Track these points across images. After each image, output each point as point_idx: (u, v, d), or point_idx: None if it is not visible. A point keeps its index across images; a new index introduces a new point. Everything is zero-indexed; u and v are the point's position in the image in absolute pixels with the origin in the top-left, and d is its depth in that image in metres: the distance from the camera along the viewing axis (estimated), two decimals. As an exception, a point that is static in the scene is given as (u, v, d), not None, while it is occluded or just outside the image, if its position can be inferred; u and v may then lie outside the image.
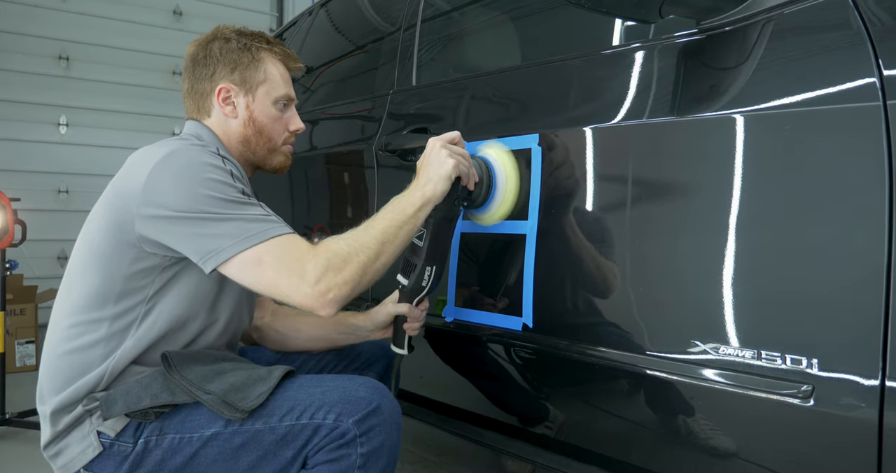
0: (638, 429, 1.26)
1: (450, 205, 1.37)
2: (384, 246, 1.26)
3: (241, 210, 1.22)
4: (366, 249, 1.24)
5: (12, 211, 2.99)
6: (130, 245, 1.25)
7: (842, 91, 0.97)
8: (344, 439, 1.18)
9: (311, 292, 1.19)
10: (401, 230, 1.28)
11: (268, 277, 1.21)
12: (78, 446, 1.24)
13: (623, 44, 1.38)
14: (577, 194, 1.33)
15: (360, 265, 1.22)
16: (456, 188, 1.36)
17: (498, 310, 1.47)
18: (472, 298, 1.55)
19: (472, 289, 1.56)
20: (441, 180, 1.32)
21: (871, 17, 0.97)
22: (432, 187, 1.32)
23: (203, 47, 1.44)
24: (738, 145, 1.07)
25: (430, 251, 1.40)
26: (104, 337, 1.27)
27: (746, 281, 1.06)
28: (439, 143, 1.35)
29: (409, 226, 1.30)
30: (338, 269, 1.20)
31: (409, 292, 1.46)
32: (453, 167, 1.32)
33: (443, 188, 1.32)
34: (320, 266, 1.19)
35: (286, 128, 1.48)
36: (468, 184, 1.38)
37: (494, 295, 1.49)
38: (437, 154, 1.34)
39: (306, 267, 1.19)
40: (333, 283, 1.20)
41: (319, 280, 1.19)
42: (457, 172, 1.33)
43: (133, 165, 1.30)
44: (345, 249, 1.23)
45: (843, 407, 0.95)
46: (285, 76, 1.47)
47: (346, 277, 1.21)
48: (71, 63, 5.22)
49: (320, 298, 1.19)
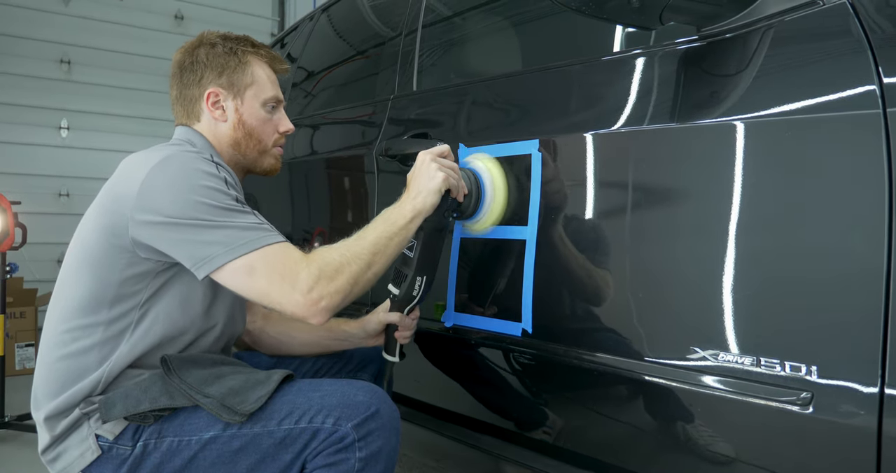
0: (636, 435, 1.26)
1: (440, 217, 1.40)
2: (375, 257, 1.28)
3: (234, 218, 1.23)
4: (357, 259, 1.25)
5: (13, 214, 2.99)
6: (124, 249, 1.26)
7: (842, 98, 0.97)
8: (342, 443, 1.18)
9: (303, 300, 1.20)
10: (391, 241, 1.30)
11: (260, 285, 1.22)
12: (76, 449, 1.24)
13: (624, 50, 1.38)
14: (577, 200, 1.33)
15: (352, 274, 1.24)
16: (446, 200, 1.39)
17: (497, 316, 1.47)
18: (471, 304, 1.55)
19: (472, 295, 1.56)
20: (431, 193, 1.35)
21: (872, 24, 0.98)
22: (422, 200, 1.34)
23: (189, 53, 1.46)
24: (738, 152, 1.07)
25: (420, 262, 1.43)
26: (99, 341, 1.27)
27: (745, 288, 1.06)
28: (429, 157, 1.38)
29: (399, 237, 1.32)
30: (330, 278, 1.22)
31: (399, 302, 1.48)
32: (443, 180, 1.35)
33: (433, 201, 1.35)
34: (313, 275, 1.21)
35: (276, 129, 1.49)
36: (458, 196, 1.41)
37: (494, 300, 1.49)
38: (428, 167, 1.36)
39: (299, 275, 1.20)
40: (326, 292, 1.21)
41: (312, 288, 1.20)
42: (446, 185, 1.37)
43: (127, 170, 1.30)
44: (337, 259, 1.24)
45: (843, 415, 0.95)
46: (272, 78, 1.49)
47: (337, 286, 1.22)
48: (72, 67, 5.24)
49: (312, 306, 1.21)
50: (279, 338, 1.62)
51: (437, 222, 1.40)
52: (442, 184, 1.35)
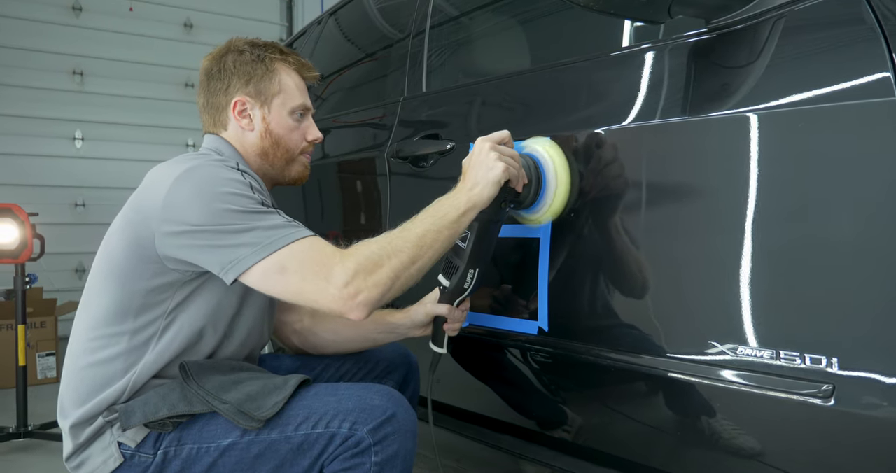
0: (656, 431, 1.25)
1: (496, 208, 1.31)
2: (421, 251, 1.21)
3: (260, 219, 1.21)
4: (400, 252, 1.19)
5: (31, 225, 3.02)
6: (150, 260, 1.25)
7: (855, 87, 0.96)
8: (358, 447, 1.18)
9: (339, 295, 1.16)
10: (440, 234, 1.23)
11: (293, 283, 1.18)
12: (99, 457, 1.25)
13: (633, 45, 1.37)
14: (590, 196, 1.32)
15: (394, 268, 1.18)
16: (504, 191, 1.29)
17: (513, 315, 1.46)
18: (487, 302, 1.55)
19: (488, 294, 1.56)
20: (490, 184, 1.25)
21: (885, 11, 0.96)
22: (479, 191, 1.25)
23: (217, 61, 1.43)
24: (752, 144, 1.06)
25: (473, 253, 1.36)
26: (125, 350, 1.27)
27: (763, 281, 1.05)
28: (488, 144, 1.27)
29: (450, 230, 1.24)
30: (368, 272, 1.17)
31: (450, 293, 1.43)
32: (503, 171, 1.25)
33: (490, 193, 1.25)
34: (349, 268, 1.16)
35: (304, 138, 1.46)
36: (517, 185, 1.31)
37: (510, 299, 1.49)
38: (487, 156, 1.26)
39: (333, 269, 1.16)
40: (364, 286, 1.16)
41: (348, 283, 1.15)
42: (507, 176, 1.26)
43: (152, 181, 1.30)
44: (377, 252, 1.19)
45: (865, 407, 0.94)
46: (300, 86, 1.46)
47: (376, 280, 1.17)
48: (85, 78, 5.29)
49: (349, 301, 1.16)
50: (324, 336, 1.58)
51: (492, 213, 1.31)
52: (502, 175, 1.24)
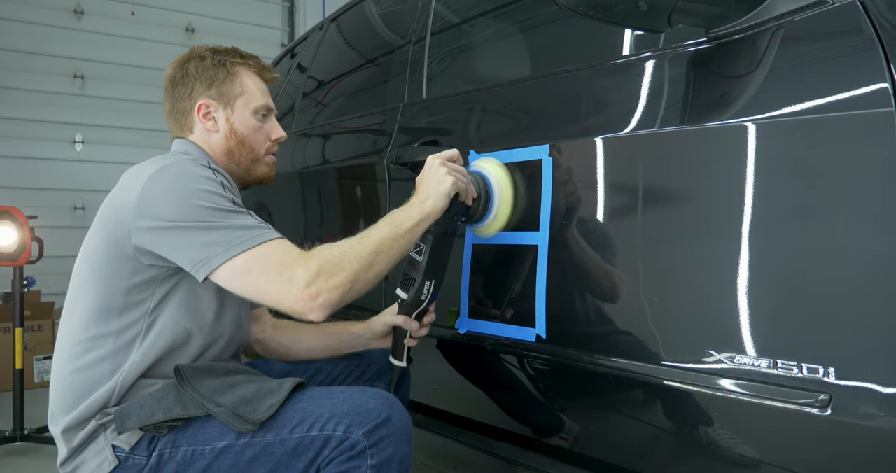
0: (652, 440, 1.25)
1: (448, 221, 1.40)
2: (378, 257, 1.27)
3: (230, 219, 1.25)
4: (359, 258, 1.25)
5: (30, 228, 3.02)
6: (128, 258, 1.28)
7: (853, 97, 0.97)
8: (353, 450, 1.18)
9: (301, 295, 1.20)
10: (396, 242, 1.30)
11: (258, 283, 1.22)
12: (94, 460, 1.25)
13: (633, 53, 1.38)
14: (589, 204, 1.32)
15: (353, 272, 1.23)
16: (454, 204, 1.38)
17: (511, 322, 1.47)
18: (484, 310, 1.55)
19: (485, 301, 1.56)
20: (440, 197, 1.34)
21: (883, 22, 0.97)
22: (431, 203, 1.34)
23: (180, 68, 1.49)
24: (750, 153, 1.06)
25: (429, 266, 1.42)
26: (111, 352, 1.28)
27: (760, 290, 1.05)
28: (438, 161, 1.38)
29: (404, 239, 1.31)
30: (330, 275, 1.21)
31: (408, 305, 1.48)
32: (452, 184, 1.35)
33: (441, 204, 1.34)
34: (311, 270, 1.20)
35: (268, 137, 1.52)
36: (466, 199, 1.41)
37: (507, 306, 1.49)
38: (437, 171, 1.36)
39: (296, 271, 1.20)
40: (324, 287, 1.20)
41: (310, 284, 1.20)
42: (455, 189, 1.36)
43: (127, 181, 1.33)
44: (338, 256, 1.24)
45: (862, 416, 0.93)
46: (262, 87, 1.51)
47: (336, 282, 1.21)
48: (86, 81, 5.29)
49: (310, 302, 1.20)
50: (287, 345, 1.64)
51: (445, 226, 1.40)
52: (451, 188, 1.35)
